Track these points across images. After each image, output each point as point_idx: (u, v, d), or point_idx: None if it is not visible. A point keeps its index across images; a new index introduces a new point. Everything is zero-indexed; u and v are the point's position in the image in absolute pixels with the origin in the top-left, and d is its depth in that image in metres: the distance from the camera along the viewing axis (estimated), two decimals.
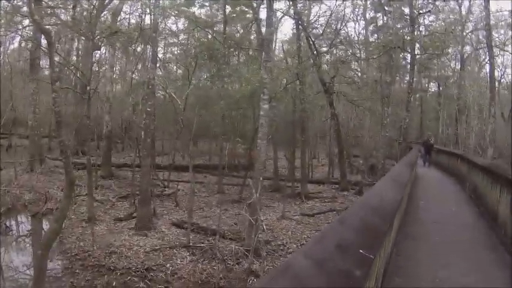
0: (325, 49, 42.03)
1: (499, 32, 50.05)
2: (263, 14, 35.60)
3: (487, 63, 49.45)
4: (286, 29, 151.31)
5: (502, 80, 54.30)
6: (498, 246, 11.30)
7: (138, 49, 46.91)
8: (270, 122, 33.33)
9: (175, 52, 57.17)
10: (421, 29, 46.62)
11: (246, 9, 45.03)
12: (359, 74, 49.62)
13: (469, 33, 53.35)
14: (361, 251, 3.78)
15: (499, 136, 43.32)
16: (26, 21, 38.58)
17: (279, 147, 43.02)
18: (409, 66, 42.35)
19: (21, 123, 56.48)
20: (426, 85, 64.20)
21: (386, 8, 40.83)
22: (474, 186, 19.56)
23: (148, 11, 37.43)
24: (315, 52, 37.28)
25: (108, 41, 39.61)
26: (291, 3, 37.44)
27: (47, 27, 24.96)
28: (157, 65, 39.04)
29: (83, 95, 34.24)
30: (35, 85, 37.99)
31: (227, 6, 44.74)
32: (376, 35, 50.14)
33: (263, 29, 33.24)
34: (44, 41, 32.73)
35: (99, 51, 49.46)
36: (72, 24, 37.83)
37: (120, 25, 43.94)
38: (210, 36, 41.53)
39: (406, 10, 41.79)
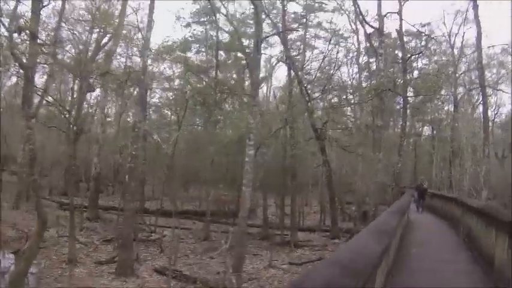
0: (317, 94, 41.40)
1: (491, 72, 50.25)
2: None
3: (480, 103, 49.20)
4: (281, 75, 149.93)
5: (495, 120, 53.74)
6: None
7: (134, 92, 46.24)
8: (258, 168, 32.73)
9: (170, 97, 56.60)
10: (414, 72, 46.46)
11: (241, 55, 44.51)
12: (352, 120, 49.06)
13: (462, 74, 53.18)
14: None
15: (493, 177, 43.10)
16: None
17: (269, 194, 42.17)
18: (401, 110, 41.62)
19: (14, 160, 55.86)
20: (420, 129, 63.82)
21: (379, 51, 40.23)
22: (468, 229, 18.72)
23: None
24: (307, 97, 36.78)
25: (101, 82, 38.83)
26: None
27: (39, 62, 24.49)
28: (150, 109, 38.60)
29: (70, 135, 33.41)
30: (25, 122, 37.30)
31: (222, 53, 44.26)
32: (369, 80, 49.79)
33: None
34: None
35: (93, 93, 48.76)
36: (66, 64, 37.28)
37: (114, 67, 43.31)
38: (203, 82, 40.87)
39: (400, 54, 41.40)
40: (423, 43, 45.41)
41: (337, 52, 43.92)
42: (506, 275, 10.12)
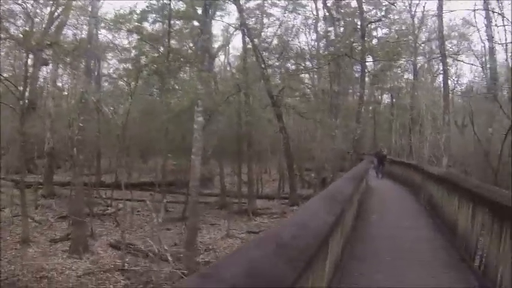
0: (275, 62, 40.09)
1: (452, 42, 49.10)
2: (215, 28, 33.97)
3: (440, 73, 48.80)
4: (239, 44, 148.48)
5: (455, 89, 53.54)
6: (459, 264, 9.87)
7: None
8: (213, 135, 31.58)
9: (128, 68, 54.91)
10: (373, 41, 45.95)
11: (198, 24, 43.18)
12: (309, 87, 48.14)
13: (422, 44, 52.73)
14: None
15: (453, 145, 43.18)
16: None
17: (226, 162, 40.97)
18: (360, 77, 40.93)
19: None
20: (379, 97, 63.25)
21: (337, 16, 39.25)
22: (429, 196, 18.24)
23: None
24: (262, 65, 35.63)
25: (51, 54, 36.97)
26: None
27: None
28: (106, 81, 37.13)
29: (18, 110, 31.62)
30: None
31: (180, 22, 42.67)
32: (328, 48, 48.96)
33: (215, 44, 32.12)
34: None
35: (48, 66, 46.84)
36: (16, 37, 35.43)
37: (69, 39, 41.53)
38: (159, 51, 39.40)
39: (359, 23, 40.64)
40: (383, 13, 44.47)
41: (294, 18, 42.90)
42: (470, 243, 9.74)
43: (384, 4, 42.80)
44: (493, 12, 38.23)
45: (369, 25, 42.52)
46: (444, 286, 8.40)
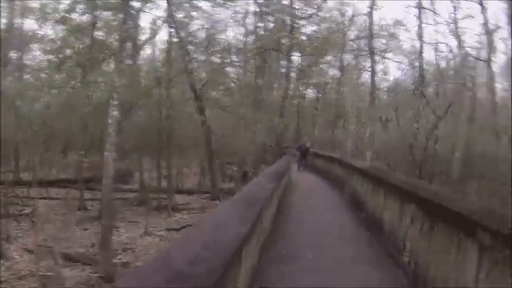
0: (201, 56, 39.27)
1: (381, 41, 49.28)
2: (142, 20, 32.98)
3: (367, 70, 49.62)
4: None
5: (381, 86, 54.07)
6: (386, 260, 9.53)
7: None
8: (132, 129, 30.43)
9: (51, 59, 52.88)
10: (303, 38, 45.34)
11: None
12: (235, 81, 47.54)
13: (351, 42, 52.80)
14: None
15: (377, 139, 43.44)
16: None
17: (147, 158, 39.72)
18: (285, 72, 40.66)
19: None
20: (304, 92, 62.70)
21: (266, 10, 38.80)
22: (353, 190, 17.92)
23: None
24: (186, 57, 34.72)
25: None
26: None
27: None
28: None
29: None
30: None
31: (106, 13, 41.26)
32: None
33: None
34: None
35: None
36: None
37: None
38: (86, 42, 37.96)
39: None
40: (315, 10, 44.32)
41: (219, 14, 42.00)
42: (398, 238, 9.55)
43: (315, 2, 42.86)
44: (424, 8, 38.94)
45: (299, 22, 42.53)
46: (372, 284, 7.96)
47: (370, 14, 41.33)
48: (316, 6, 43.47)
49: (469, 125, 34.09)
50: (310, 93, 63.83)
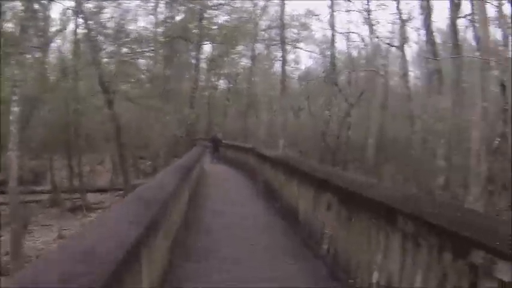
0: (109, 47, 37.91)
1: (292, 31, 49.59)
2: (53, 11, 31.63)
3: (278, 59, 49.03)
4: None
5: (292, 75, 54.40)
6: (305, 251, 9.29)
7: None
8: (38, 126, 29.22)
9: None
10: (214, 27, 44.88)
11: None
12: (145, 72, 46.61)
13: (262, 31, 52.76)
14: None
15: (290, 127, 43.43)
16: None
17: (57, 156, 37.70)
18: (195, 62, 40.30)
19: None
20: (216, 83, 62.29)
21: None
22: (266, 180, 17.76)
23: None
24: (95, 49, 33.32)
25: None
26: None
27: None
28: None
29: None
30: None
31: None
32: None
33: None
34: None
35: None
36: None
37: None
38: None
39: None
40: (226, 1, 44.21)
41: (129, 3, 40.88)
42: (314, 228, 9.33)
43: None
44: None
45: (211, 11, 42.24)
46: (292, 276, 7.70)
47: (282, 4, 40.89)
48: None
49: (382, 111, 34.49)
50: (222, 84, 63.26)
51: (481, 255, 3.75)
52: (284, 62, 41.95)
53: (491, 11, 26.93)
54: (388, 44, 37.65)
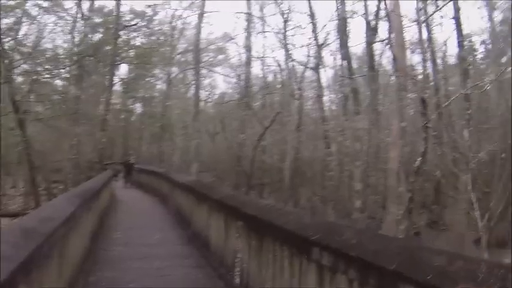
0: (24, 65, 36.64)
1: (209, 55, 51.10)
2: None
3: (193, 83, 48.17)
4: None
5: (208, 99, 55.00)
6: (217, 283, 8.91)
7: None
8: None
9: None
10: (130, 49, 44.36)
11: None
12: (59, 91, 45.45)
13: (179, 55, 52.94)
14: None
15: (206, 151, 44.28)
16: None
17: None
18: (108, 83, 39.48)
19: None
20: (132, 106, 61.65)
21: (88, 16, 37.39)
22: (179, 206, 17.30)
23: None
24: (7, 66, 31.83)
25: None
26: None
27: None
28: None
29: None
30: None
31: None
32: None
33: None
34: None
35: None
36: None
37: None
38: None
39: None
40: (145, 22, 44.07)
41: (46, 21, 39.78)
42: (226, 258, 9.02)
43: (146, 14, 42.89)
44: (254, 17, 40.70)
45: (129, 33, 42.10)
46: None
47: (198, 27, 41.41)
48: (146, 18, 43.00)
49: (297, 134, 34.51)
50: (139, 107, 62.63)
51: None
52: (198, 85, 41.98)
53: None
54: (304, 66, 37.59)
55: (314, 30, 35.02)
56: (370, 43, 30.91)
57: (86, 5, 39.96)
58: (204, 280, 9.09)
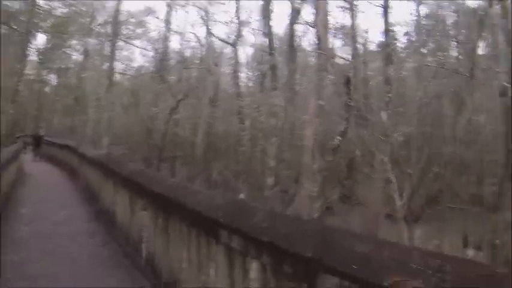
0: None
1: (128, 28, 49.09)
2: None
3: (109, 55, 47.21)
4: None
5: (125, 72, 53.06)
6: (123, 261, 8.36)
7: None
8: None
9: None
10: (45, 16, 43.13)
11: None
12: None
13: (98, 26, 50.80)
14: None
15: (119, 124, 43.28)
16: None
17: None
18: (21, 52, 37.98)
19: None
20: (47, 77, 59.30)
21: None
22: (87, 181, 16.52)
23: None
24: None
25: None
26: None
27: None
28: None
29: None
30: None
31: None
32: None
33: None
34: None
35: None
36: None
37: None
38: None
39: None
40: None
41: None
42: (132, 235, 8.57)
43: None
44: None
45: (49, 4, 40.47)
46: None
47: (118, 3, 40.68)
48: None
49: (211, 109, 34.26)
50: (54, 78, 60.41)
51: (332, 281, 2.97)
52: (113, 57, 41.58)
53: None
54: (222, 40, 37.23)
55: (237, 8, 34.83)
56: (293, 23, 30.82)
57: None
58: (112, 258, 8.60)
